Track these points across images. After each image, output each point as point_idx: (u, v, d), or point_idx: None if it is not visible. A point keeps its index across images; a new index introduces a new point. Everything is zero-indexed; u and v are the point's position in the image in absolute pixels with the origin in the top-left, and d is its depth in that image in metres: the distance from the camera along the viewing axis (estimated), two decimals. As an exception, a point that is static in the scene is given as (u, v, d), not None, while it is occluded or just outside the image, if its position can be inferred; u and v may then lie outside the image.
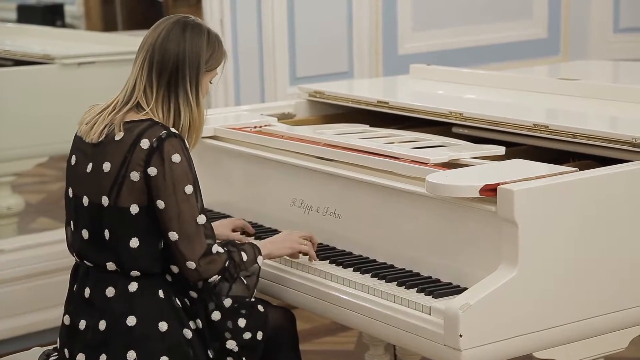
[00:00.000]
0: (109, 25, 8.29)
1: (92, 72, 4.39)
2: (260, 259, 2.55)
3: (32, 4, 8.10)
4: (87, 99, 2.72)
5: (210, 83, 2.58)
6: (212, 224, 2.81)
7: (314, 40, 4.70)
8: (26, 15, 7.43)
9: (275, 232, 2.92)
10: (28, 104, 4.28)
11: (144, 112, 2.46)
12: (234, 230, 2.88)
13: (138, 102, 2.48)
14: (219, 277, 2.46)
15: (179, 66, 2.47)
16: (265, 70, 4.58)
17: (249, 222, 2.99)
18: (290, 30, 4.63)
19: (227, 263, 2.46)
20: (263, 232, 2.94)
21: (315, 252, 2.71)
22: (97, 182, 2.45)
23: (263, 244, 2.62)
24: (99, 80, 4.33)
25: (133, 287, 2.46)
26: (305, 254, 2.68)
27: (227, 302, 2.50)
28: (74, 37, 5.47)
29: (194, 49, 2.49)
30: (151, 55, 2.48)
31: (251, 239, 2.85)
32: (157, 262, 2.47)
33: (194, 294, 2.50)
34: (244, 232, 2.92)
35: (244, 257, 2.51)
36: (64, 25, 7.67)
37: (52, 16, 7.49)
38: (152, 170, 2.40)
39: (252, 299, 2.61)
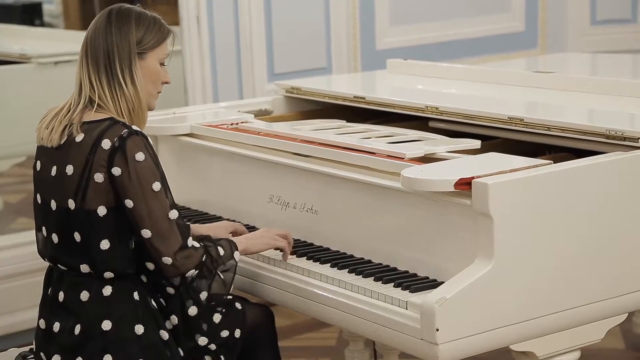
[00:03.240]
0: (87, 23, 8.23)
1: (69, 71, 4.36)
2: (237, 254, 2.55)
3: (10, 3, 8.05)
4: (63, 98, 2.71)
5: (164, 65, 2.55)
6: (208, 225, 2.82)
7: (292, 36, 4.70)
8: (4, 14, 7.38)
9: (254, 228, 2.92)
10: (5, 104, 4.26)
11: (97, 105, 2.45)
12: (232, 234, 2.85)
13: (89, 96, 2.47)
14: (197, 271, 2.45)
15: (109, 52, 2.46)
16: (243, 67, 4.57)
17: (227, 220, 2.99)
18: (267, 26, 4.62)
19: (204, 257, 2.46)
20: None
21: (292, 249, 2.71)
22: (62, 186, 2.44)
23: (239, 240, 2.61)
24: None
25: (107, 290, 2.44)
26: (281, 250, 2.68)
27: (203, 295, 2.49)
28: (52, 36, 5.46)
29: (122, 32, 2.47)
30: (86, 50, 2.49)
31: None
32: (131, 262, 2.46)
33: (171, 290, 2.49)
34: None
35: (221, 251, 2.51)
36: (42, 24, 7.63)
37: (31, 15, 7.45)
38: (116, 170, 2.38)
39: (230, 296, 2.61)
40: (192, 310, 2.49)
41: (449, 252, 2.44)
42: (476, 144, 2.80)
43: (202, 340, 2.51)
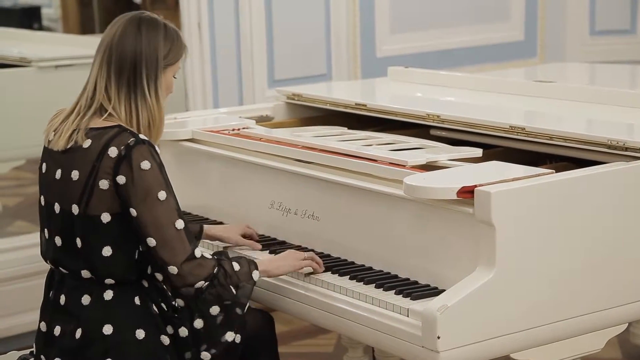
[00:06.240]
0: (86, 27, 8.27)
1: (69, 75, 4.37)
2: (256, 273, 2.50)
3: (8, 6, 8.06)
4: (64, 102, 2.70)
5: (175, 77, 2.55)
6: (219, 227, 2.81)
7: (292, 43, 4.70)
8: (3, 18, 7.39)
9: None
10: (5, 107, 4.26)
11: (107, 113, 2.44)
12: (243, 236, 2.85)
13: (101, 103, 2.45)
14: (207, 283, 2.42)
15: (136, 63, 2.44)
16: (243, 73, 4.58)
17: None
18: (268, 32, 4.63)
19: (215, 270, 2.42)
20: (264, 242, 2.88)
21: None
22: (66, 190, 2.43)
23: (261, 261, 2.57)
24: (76, 83, 4.29)
25: (108, 295, 2.43)
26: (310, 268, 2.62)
27: (215, 309, 2.45)
28: (51, 40, 5.45)
29: (151, 44, 2.46)
30: (109, 55, 2.46)
31: (258, 249, 2.82)
32: (132, 271, 2.45)
33: (181, 302, 2.46)
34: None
35: (236, 267, 2.47)
36: (41, 28, 7.63)
37: (29, 19, 7.46)
38: (121, 179, 2.37)
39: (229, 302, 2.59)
40: (198, 323, 2.45)
41: (450, 260, 2.44)
42: (477, 152, 2.81)
43: (205, 355, 2.47)
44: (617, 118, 2.99)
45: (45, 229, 2.52)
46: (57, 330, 2.46)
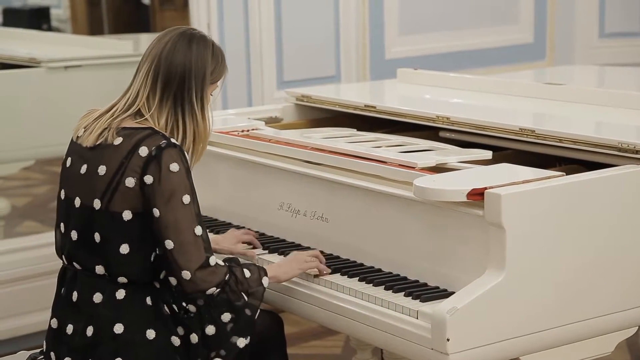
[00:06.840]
0: (95, 28, 8.29)
1: (78, 76, 4.37)
2: (265, 280, 2.51)
3: (17, 7, 8.08)
4: (73, 103, 2.72)
5: (211, 95, 2.57)
6: (218, 236, 2.80)
7: (301, 44, 4.71)
8: (12, 18, 7.41)
9: (264, 235, 2.93)
10: (14, 108, 4.26)
11: (143, 119, 2.45)
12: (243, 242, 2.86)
13: (139, 109, 2.47)
14: (218, 290, 2.42)
15: (185, 78, 2.46)
16: (252, 74, 4.58)
17: (237, 227, 3.00)
18: (277, 34, 4.63)
19: (227, 276, 2.43)
20: (273, 243, 2.88)
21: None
22: (90, 185, 2.45)
23: (269, 267, 2.58)
24: (86, 83, 4.32)
25: (120, 294, 2.44)
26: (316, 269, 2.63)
27: (226, 316, 2.45)
28: (60, 41, 5.46)
29: (200, 61, 2.48)
30: (157, 66, 2.47)
31: (258, 251, 2.83)
32: (147, 272, 2.45)
33: (192, 308, 2.45)
34: (252, 247, 2.87)
35: (247, 274, 2.48)
36: (50, 28, 7.65)
37: (38, 19, 7.47)
38: (149, 179, 2.38)
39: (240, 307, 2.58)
40: (210, 330, 2.45)
41: (459, 262, 2.44)
42: (487, 154, 2.80)
43: None
44: (627, 121, 2.98)
45: (62, 223, 2.53)
46: (70, 328, 2.47)
